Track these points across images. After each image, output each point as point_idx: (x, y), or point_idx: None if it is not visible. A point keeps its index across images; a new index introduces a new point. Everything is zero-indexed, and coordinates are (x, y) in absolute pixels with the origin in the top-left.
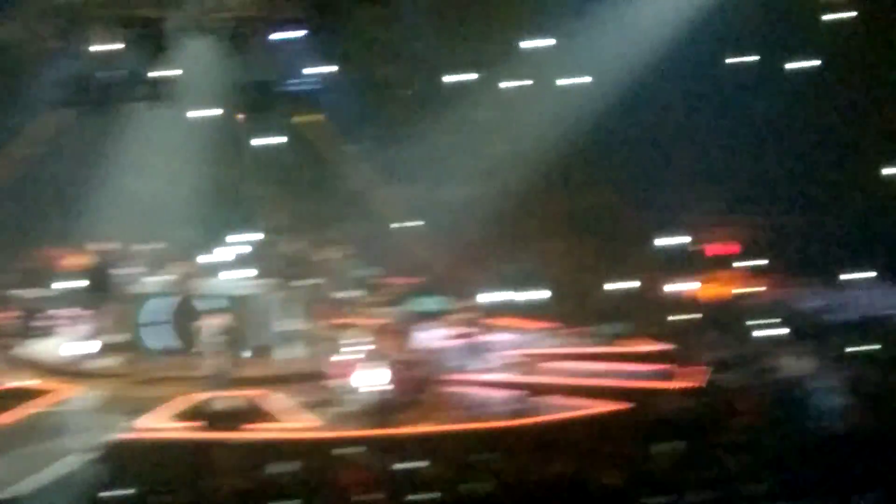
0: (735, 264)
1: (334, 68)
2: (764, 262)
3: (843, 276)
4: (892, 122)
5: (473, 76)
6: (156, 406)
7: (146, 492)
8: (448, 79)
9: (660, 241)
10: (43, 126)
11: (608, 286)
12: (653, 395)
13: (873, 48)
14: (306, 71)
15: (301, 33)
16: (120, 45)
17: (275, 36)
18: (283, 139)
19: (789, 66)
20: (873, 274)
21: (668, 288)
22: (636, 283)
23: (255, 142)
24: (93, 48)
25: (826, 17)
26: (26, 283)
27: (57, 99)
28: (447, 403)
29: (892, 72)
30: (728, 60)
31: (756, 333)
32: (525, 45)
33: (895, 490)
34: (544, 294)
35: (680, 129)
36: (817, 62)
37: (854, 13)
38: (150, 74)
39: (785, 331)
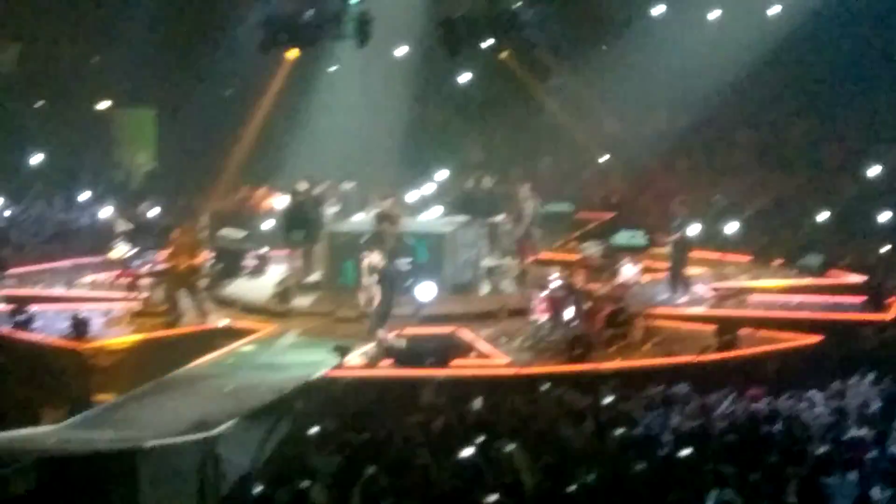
0: None
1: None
2: None
3: None
4: None
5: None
6: (356, 344)
7: (346, 429)
8: (652, 9)
9: (861, 172)
10: (246, 67)
11: (808, 218)
12: (853, 328)
13: None
14: (507, 5)
15: None
16: None
17: None
18: (482, 75)
19: None
20: None
21: (869, 219)
22: (837, 214)
23: (457, 78)
24: None
25: None
26: (229, 223)
27: (260, 40)
28: (647, 338)
29: None
30: None
31: None
32: None
33: None
34: (743, 227)
35: (884, 58)
36: None
37: None
38: (352, 12)
39: None
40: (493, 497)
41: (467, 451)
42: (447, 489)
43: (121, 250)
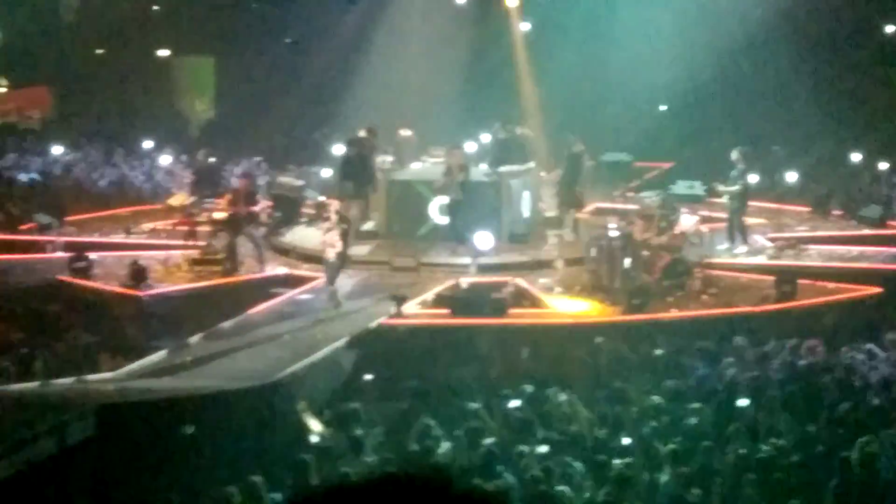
0: None
1: None
2: None
3: None
4: None
5: None
6: (413, 292)
7: (401, 377)
8: None
9: None
10: (306, 15)
11: (868, 169)
12: None
13: None
14: None
15: None
16: None
17: None
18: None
19: None
20: None
21: None
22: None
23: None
24: None
25: None
26: (287, 170)
27: None
28: (705, 289)
29: None
30: None
31: None
32: None
33: None
34: (802, 177)
35: None
36: None
37: None
38: None
39: None
40: (545, 447)
41: (518, 402)
42: (499, 438)
43: (179, 198)
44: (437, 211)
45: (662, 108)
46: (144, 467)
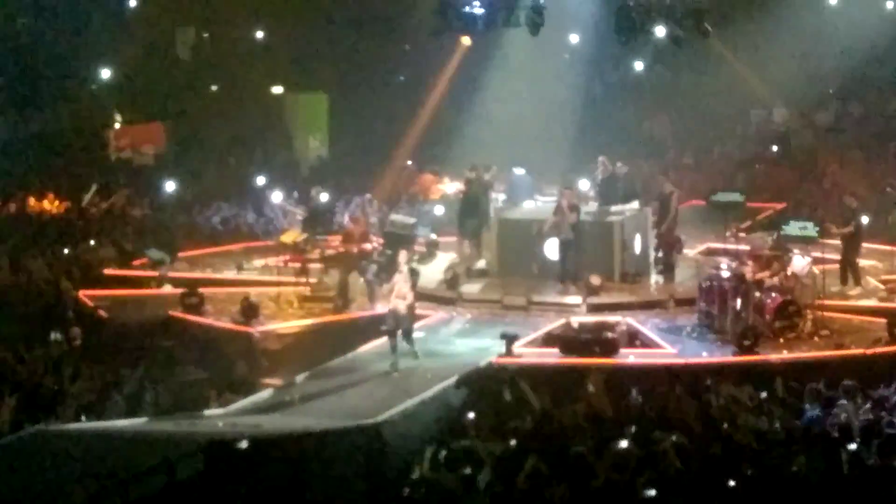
0: None
1: None
2: None
3: None
4: None
5: None
6: (523, 331)
7: (511, 415)
8: None
9: None
10: (419, 54)
11: None
12: None
13: None
14: None
15: None
16: None
17: None
18: (654, 62)
19: None
20: None
21: None
22: None
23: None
24: None
25: None
26: (399, 208)
27: (433, 26)
28: (817, 330)
29: None
30: None
31: None
32: None
33: None
34: None
35: None
36: None
37: None
38: (525, 1)
39: None
40: (653, 491)
41: (625, 443)
42: (608, 480)
43: (291, 235)
44: (549, 249)
45: (774, 148)
46: None
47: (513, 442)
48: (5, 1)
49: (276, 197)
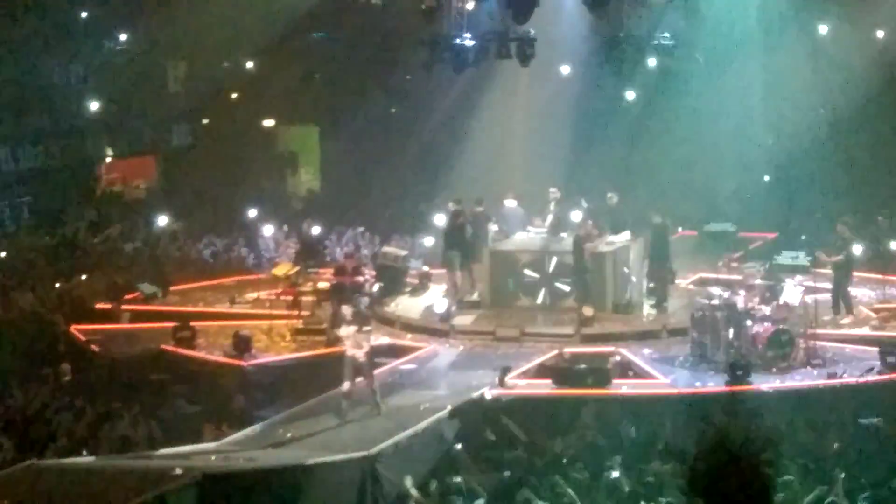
0: None
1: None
2: None
3: None
4: None
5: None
6: (516, 362)
7: (506, 447)
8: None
9: None
10: (410, 86)
11: None
12: None
13: None
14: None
15: None
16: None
17: None
18: (644, 92)
19: None
20: None
21: None
22: None
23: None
24: (457, 7)
25: None
26: (392, 240)
27: (424, 59)
28: (810, 359)
29: None
30: None
31: None
32: None
33: None
34: None
35: None
36: None
37: None
38: (515, 33)
39: None
40: None
41: (616, 472)
42: None
43: (283, 267)
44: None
45: (766, 178)
46: None
47: (507, 473)
48: None
49: (268, 230)
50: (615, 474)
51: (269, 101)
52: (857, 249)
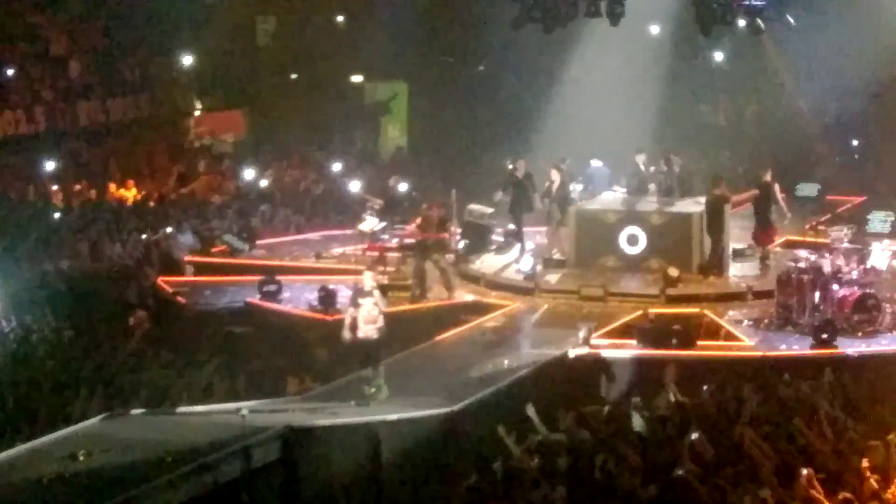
0: None
1: None
2: None
3: None
4: None
5: None
6: (600, 322)
7: (581, 405)
8: None
9: None
10: (499, 44)
11: None
12: None
13: None
14: None
15: None
16: None
17: None
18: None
19: None
20: None
21: None
22: None
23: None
24: None
25: None
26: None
27: (513, 17)
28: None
29: None
30: None
31: None
32: None
33: None
34: None
35: None
36: None
37: None
38: None
39: None
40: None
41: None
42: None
43: (370, 223)
44: (625, 242)
45: (854, 142)
46: (328, 491)
47: (586, 433)
48: None
49: (355, 185)
50: (694, 436)
51: (357, 57)
52: None
